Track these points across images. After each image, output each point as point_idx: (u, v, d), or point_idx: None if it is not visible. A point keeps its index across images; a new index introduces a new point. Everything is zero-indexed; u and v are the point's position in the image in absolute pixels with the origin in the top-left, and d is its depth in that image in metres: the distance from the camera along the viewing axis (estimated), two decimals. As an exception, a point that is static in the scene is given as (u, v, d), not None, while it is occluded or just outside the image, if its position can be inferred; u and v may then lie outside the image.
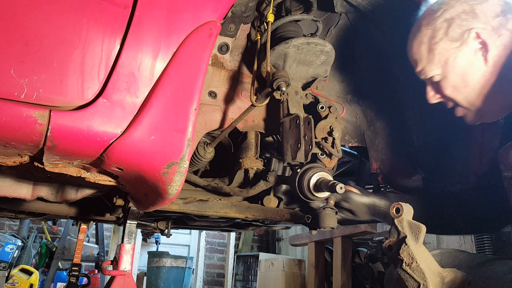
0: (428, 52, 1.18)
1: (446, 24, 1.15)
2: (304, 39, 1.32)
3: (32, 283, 3.69)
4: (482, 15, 1.12)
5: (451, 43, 1.15)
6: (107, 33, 0.85)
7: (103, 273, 1.32)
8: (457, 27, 1.13)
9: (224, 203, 1.46)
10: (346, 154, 1.91)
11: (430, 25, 1.18)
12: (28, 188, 1.27)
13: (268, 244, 6.78)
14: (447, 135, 1.51)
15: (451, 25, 1.14)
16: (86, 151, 0.86)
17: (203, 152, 1.41)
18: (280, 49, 1.32)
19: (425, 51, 1.19)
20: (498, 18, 1.11)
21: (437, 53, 1.17)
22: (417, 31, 1.22)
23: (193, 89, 0.90)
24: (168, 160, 0.88)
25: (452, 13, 1.14)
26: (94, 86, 0.84)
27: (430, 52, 1.18)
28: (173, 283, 4.78)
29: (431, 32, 1.17)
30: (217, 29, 0.95)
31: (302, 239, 3.82)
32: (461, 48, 1.14)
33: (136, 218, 1.33)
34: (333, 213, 1.38)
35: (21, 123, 0.78)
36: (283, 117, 1.34)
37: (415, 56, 1.23)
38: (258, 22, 1.36)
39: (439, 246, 3.72)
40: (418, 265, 0.90)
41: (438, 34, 1.16)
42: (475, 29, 1.12)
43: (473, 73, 1.14)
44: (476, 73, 1.14)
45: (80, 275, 2.90)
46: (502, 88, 1.13)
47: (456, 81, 1.17)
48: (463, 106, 1.20)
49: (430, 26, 1.17)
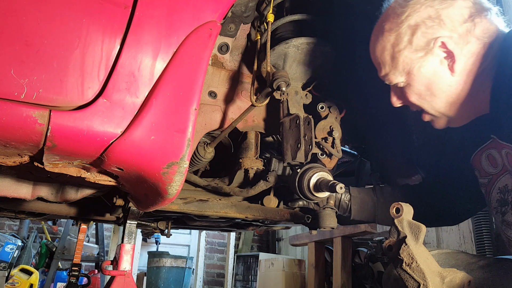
0: (391, 59, 1.12)
1: (410, 31, 1.08)
2: (304, 39, 1.32)
3: (32, 283, 3.69)
4: (448, 21, 1.05)
5: (415, 52, 1.08)
6: (107, 33, 0.85)
7: (103, 273, 1.32)
8: (422, 35, 1.07)
9: (224, 203, 1.46)
10: (346, 154, 1.92)
11: (393, 31, 1.11)
12: (28, 188, 1.27)
13: (268, 244, 6.78)
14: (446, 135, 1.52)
15: (416, 33, 1.07)
16: (86, 151, 0.86)
17: (203, 152, 1.41)
18: (280, 49, 1.32)
19: (388, 57, 1.13)
20: (466, 24, 1.05)
21: (401, 61, 1.11)
22: (379, 34, 1.15)
23: (193, 89, 0.90)
24: (168, 160, 0.88)
25: (417, 19, 1.07)
26: (94, 86, 0.84)
27: (393, 60, 1.12)
28: (173, 283, 4.78)
29: (394, 38, 1.11)
30: (217, 29, 0.95)
31: (302, 239, 3.82)
32: (426, 57, 1.08)
33: (136, 218, 1.33)
34: (333, 213, 1.38)
35: (21, 123, 0.78)
36: (283, 117, 1.34)
37: (378, 60, 1.17)
38: (258, 22, 1.36)
39: (439, 246, 3.72)
40: (418, 265, 0.90)
41: (402, 41, 1.09)
42: (441, 38, 1.05)
43: (439, 83, 1.09)
44: (442, 83, 1.09)
45: (80, 275, 2.90)
46: (470, 96, 1.09)
47: (421, 89, 1.12)
48: (429, 114, 1.17)
49: (393, 32, 1.10)
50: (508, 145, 1.10)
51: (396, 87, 1.17)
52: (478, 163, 1.23)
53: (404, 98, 1.19)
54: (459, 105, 1.11)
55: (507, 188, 1.14)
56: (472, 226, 3.29)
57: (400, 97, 1.20)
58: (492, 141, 1.17)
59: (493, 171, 1.18)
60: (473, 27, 1.05)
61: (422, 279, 0.89)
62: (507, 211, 1.14)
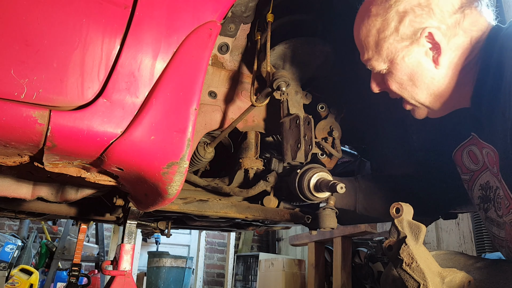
0: (375, 45, 1.09)
1: (397, 18, 1.04)
2: (304, 39, 1.32)
3: (32, 283, 3.69)
4: (438, 11, 1.01)
5: (401, 41, 1.05)
6: (107, 33, 0.85)
7: (103, 273, 1.32)
8: (410, 23, 1.03)
9: (224, 203, 1.46)
10: (346, 154, 1.92)
11: (379, 16, 1.06)
12: (28, 188, 1.27)
13: (268, 244, 6.78)
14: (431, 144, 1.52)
15: (403, 20, 1.03)
16: (86, 151, 0.86)
17: (203, 152, 1.41)
18: (280, 49, 1.32)
19: (372, 42, 1.09)
20: (455, 15, 1.01)
21: (385, 48, 1.07)
22: (365, 17, 1.10)
23: (193, 89, 0.90)
24: (168, 160, 0.88)
25: (406, 5, 1.02)
26: (94, 86, 0.84)
27: (377, 46, 1.09)
28: (173, 283, 4.78)
29: (380, 23, 1.06)
30: (217, 29, 0.95)
31: (302, 239, 3.83)
32: (412, 47, 1.05)
33: (136, 218, 1.33)
34: (333, 213, 1.38)
35: (21, 123, 0.78)
36: (283, 117, 1.34)
37: (361, 44, 1.13)
38: (258, 22, 1.36)
39: (439, 246, 3.72)
40: (418, 265, 0.89)
41: (388, 28, 1.05)
42: (428, 28, 1.01)
43: (422, 75, 1.06)
44: (425, 75, 1.06)
45: (80, 275, 2.90)
46: (452, 90, 1.07)
47: (402, 79, 1.09)
48: (410, 103, 1.14)
49: (380, 17, 1.06)
50: (488, 145, 1.08)
51: (378, 73, 1.14)
52: (460, 159, 1.23)
53: (384, 85, 1.16)
54: (441, 97, 1.09)
55: (488, 184, 1.13)
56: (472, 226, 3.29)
57: (380, 84, 1.17)
58: (472, 138, 1.16)
59: (474, 168, 1.18)
60: (462, 18, 1.01)
61: (422, 279, 0.89)
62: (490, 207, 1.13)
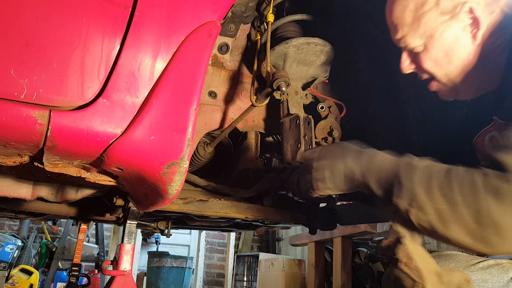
0: (413, 20, 1.08)
1: None
2: (304, 39, 1.32)
3: (32, 283, 3.69)
4: None
5: (441, 15, 1.04)
6: (107, 33, 0.85)
7: (103, 273, 1.32)
8: None
9: (224, 203, 1.46)
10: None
11: None
12: (28, 188, 1.27)
13: (268, 244, 6.78)
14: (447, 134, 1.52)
15: None
16: (86, 151, 0.86)
17: (203, 152, 1.41)
18: (280, 49, 1.32)
19: (409, 18, 1.08)
20: None
21: (423, 23, 1.06)
22: None
23: (193, 89, 0.91)
24: (168, 160, 0.88)
25: None
26: (94, 86, 0.84)
27: (415, 21, 1.08)
28: (173, 283, 4.78)
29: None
30: (217, 29, 0.95)
31: (302, 239, 3.83)
32: (451, 22, 1.05)
33: (136, 218, 1.33)
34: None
35: (21, 123, 0.78)
36: (283, 117, 1.34)
37: (396, 21, 1.12)
38: (258, 22, 1.36)
39: (439, 246, 3.72)
40: (416, 264, 0.89)
41: (428, 2, 1.05)
42: (469, 2, 1.02)
43: (459, 50, 1.06)
44: (462, 50, 1.06)
45: (80, 275, 2.90)
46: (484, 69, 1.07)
47: (438, 56, 1.08)
48: (441, 82, 1.13)
49: None
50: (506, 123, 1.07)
51: (410, 51, 1.14)
52: (481, 146, 1.21)
53: (417, 63, 1.15)
54: (473, 76, 1.08)
55: None
56: (472, 226, 3.27)
57: (413, 63, 1.16)
58: (494, 123, 1.15)
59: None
60: None
61: (419, 278, 0.89)
62: None
